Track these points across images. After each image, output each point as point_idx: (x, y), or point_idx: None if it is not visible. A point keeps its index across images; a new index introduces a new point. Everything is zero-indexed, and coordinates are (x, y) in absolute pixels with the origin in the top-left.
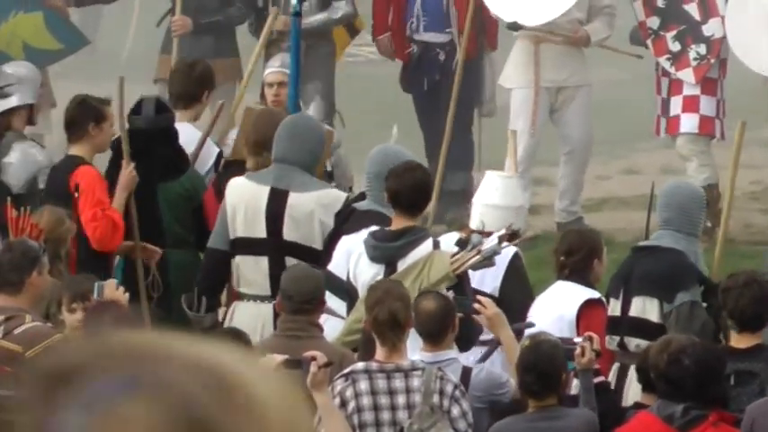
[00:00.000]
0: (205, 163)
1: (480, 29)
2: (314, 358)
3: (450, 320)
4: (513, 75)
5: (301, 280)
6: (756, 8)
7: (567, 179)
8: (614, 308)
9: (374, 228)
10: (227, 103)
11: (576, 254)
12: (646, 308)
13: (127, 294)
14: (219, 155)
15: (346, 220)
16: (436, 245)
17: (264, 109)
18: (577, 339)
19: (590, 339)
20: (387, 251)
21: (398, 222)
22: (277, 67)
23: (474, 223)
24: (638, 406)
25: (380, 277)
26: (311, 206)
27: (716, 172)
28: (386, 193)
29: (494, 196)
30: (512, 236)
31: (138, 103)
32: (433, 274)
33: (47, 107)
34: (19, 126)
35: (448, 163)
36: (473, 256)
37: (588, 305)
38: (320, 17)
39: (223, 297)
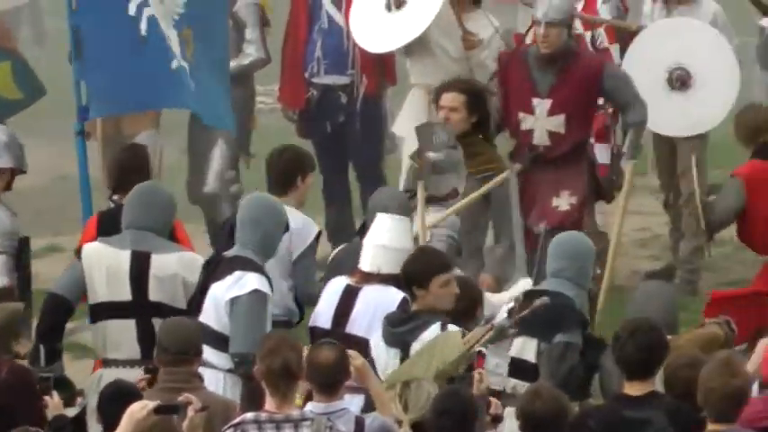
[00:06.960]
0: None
1: (380, 66)
2: (190, 402)
3: (347, 370)
4: (404, 123)
5: (176, 331)
6: None
7: None
8: None
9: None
10: None
11: (459, 302)
12: (525, 347)
13: None
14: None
15: (215, 269)
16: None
17: None
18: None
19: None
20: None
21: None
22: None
23: (366, 265)
24: None
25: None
26: (174, 267)
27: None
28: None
29: (384, 238)
30: (521, 307)
31: None
32: (447, 354)
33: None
34: None
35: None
36: (487, 331)
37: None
38: None
39: None
